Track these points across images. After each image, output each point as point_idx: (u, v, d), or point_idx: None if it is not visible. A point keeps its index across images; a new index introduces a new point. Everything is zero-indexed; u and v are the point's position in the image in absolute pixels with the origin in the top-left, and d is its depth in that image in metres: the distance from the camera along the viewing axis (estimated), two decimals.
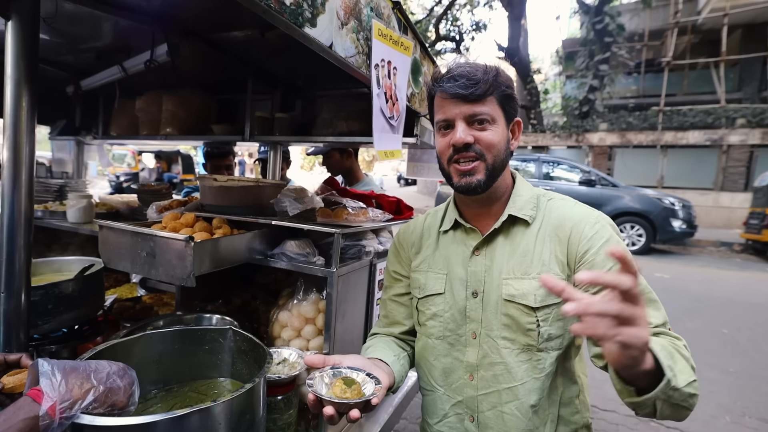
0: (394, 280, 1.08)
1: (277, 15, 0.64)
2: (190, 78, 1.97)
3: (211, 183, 1.38)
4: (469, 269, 0.93)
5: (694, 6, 14.57)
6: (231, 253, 1.16)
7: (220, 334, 1.00)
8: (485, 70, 0.84)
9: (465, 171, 0.86)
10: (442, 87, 0.86)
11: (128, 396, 0.69)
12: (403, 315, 1.06)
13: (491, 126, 0.86)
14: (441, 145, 0.90)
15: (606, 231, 0.85)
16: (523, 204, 0.92)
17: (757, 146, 11.85)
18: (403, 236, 1.09)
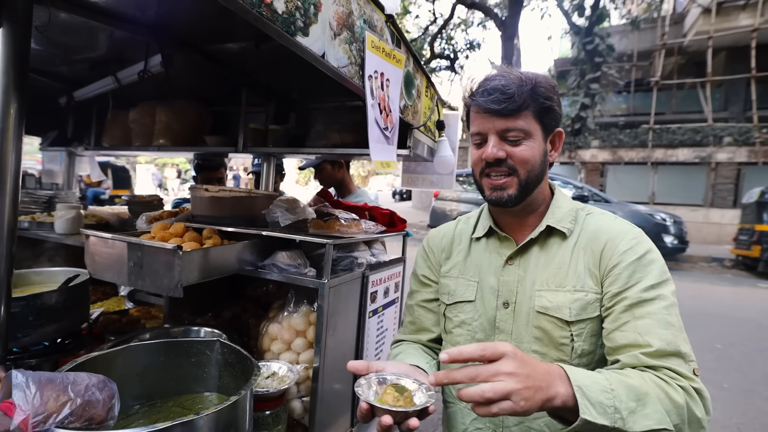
0: (422, 285, 1.06)
1: (269, 23, 0.64)
2: (184, 89, 1.97)
3: (202, 194, 1.37)
4: (501, 278, 0.91)
5: (680, 28, 15.06)
6: (221, 264, 1.14)
7: (207, 346, 0.97)
8: (521, 83, 0.82)
9: (496, 185, 0.86)
10: (476, 101, 0.84)
11: (107, 410, 0.66)
12: (431, 321, 1.04)
13: (526, 141, 0.83)
14: (474, 157, 0.89)
15: (641, 248, 0.81)
16: (563, 216, 0.90)
17: (744, 164, 12.10)
18: (433, 241, 1.07)
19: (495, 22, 13.77)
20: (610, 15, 13.13)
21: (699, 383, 0.70)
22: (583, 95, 13.60)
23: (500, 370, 0.59)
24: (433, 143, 1.66)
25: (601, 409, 0.61)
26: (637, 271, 0.78)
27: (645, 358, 0.71)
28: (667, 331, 0.72)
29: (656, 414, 0.63)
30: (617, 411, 0.62)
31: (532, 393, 0.58)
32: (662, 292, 0.76)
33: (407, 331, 1.08)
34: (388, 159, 1.18)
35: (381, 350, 1.59)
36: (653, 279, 0.77)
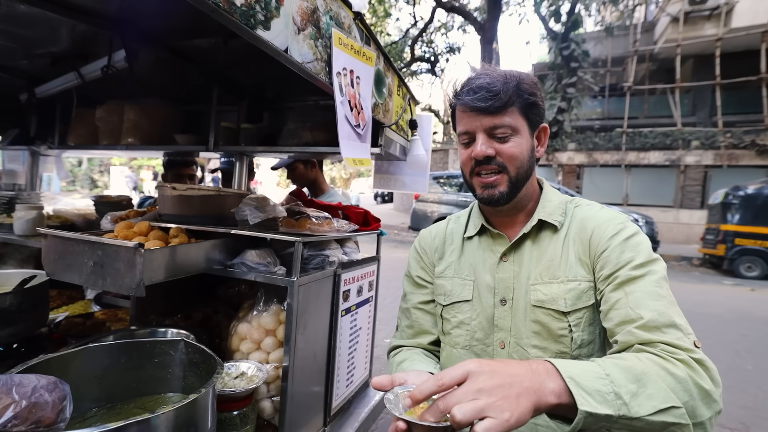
0: (417, 287, 1.04)
1: (226, 15, 0.64)
2: (153, 87, 1.93)
3: (170, 192, 1.34)
4: (497, 276, 0.91)
5: (651, 36, 15.64)
6: (187, 263, 1.12)
7: (170, 346, 0.95)
8: (505, 80, 0.82)
9: (487, 183, 0.86)
10: (462, 100, 0.84)
11: (57, 412, 0.63)
12: (430, 323, 1.01)
13: (513, 137, 0.84)
14: (463, 157, 0.89)
15: (628, 231, 0.82)
16: (553, 209, 0.91)
17: (710, 166, 12.64)
18: (425, 241, 1.06)
19: (474, 26, 13.99)
20: (583, 21, 13.51)
21: (700, 354, 0.65)
22: (560, 99, 13.94)
23: (467, 390, 0.54)
24: (406, 142, 1.67)
25: (600, 397, 0.56)
26: (626, 251, 0.79)
27: (639, 332, 0.69)
28: (657, 302, 0.71)
29: (660, 392, 0.58)
30: (618, 396, 0.57)
31: (513, 401, 0.53)
32: (652, 268, 0.77)
33: (405, 336, 1.04)
34: (361, 156, 1.18)
35: (354, 349, 1.59)
36: (642, 258, 0.77)
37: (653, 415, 0.57)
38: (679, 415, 0.58)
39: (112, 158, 23.35)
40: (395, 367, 0.96)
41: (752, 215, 8.23)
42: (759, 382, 3.45)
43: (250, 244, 1.34)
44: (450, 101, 0.92)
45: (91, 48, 1.44)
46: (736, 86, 13.23)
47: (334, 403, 1.44)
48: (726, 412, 3.01)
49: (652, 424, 0.57)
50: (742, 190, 8.49)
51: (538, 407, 0.55)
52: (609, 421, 0.56)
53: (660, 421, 0.57)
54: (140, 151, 2.10)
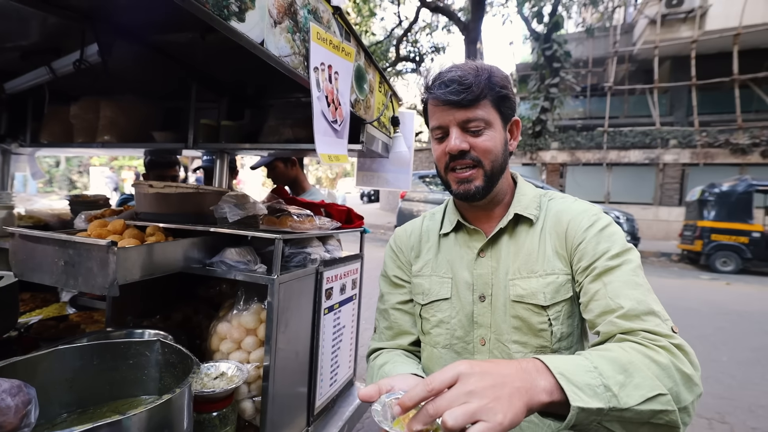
0: (395, 286, 1.02)
1: (197, 4, 0.62)
2: (130, 83, 1.88)
3: (147, 190, 1.31)
4: (475, 272, 0.90)
5: (630, 37, 16.02)
6: (164, 261, 1.09)
7: (145, 347, 0.93)
8: (477, 73, 0.82)
9: (462, 178, 0.85)
10: (434, 93, 0.83)
11: (21, 417, 0.61)
12: (410, 323, 0.99)
13: (487, 130, 0.83)
14: (437, 152, 0.88)
15: (602, 222, 0.83)
16: (528, 203, 0.91)
17: (688, 165, 13.01)
18: (400, 239, 1.04)
19: (459, 27, 14.08)
20: (563, 21, 13.73)
21: (678, 339, 0.67)
22: (543, 99, 14.15)
23: (458, 393, 0.52)
24: (389, 139, 1.67)
25: (590, 391, 0.56)
26: (601, 242, 0.79)
27: (620, 321, 0.70)
28: (635, 291, 0.72)
29: (646, 381, 0.59)
30: (608, 389, 0.57)
31: (505, 402, 0.51)
32: (627, 257, 0.77)
33: (384, 338, 1.02)
34: (337, 152, 1.17)
35: (338, 347, 1.58)
36: (618, 248, 0.78)
37: (642, 404, 0.57)
38: (665, 401, 0.59)
39: (91, 158, 22.74)
40: (377, 370, 0.94)
41: (727, 212, 8.50)
42: (734, 372, 3.57)
43: (230, 242, 1.32)
44: (421, 96, 0.91)
45: (64, 42, 1.40)
46: (710, 87, 13.65)
47: (317, 403, 1.43)
48: (703, 402, 3.10)
49: (641, 414, 0.58)
50: (717, 188, 8.76)
51: (531, 406, 0.54)
52: (600, 414, 0.56)
53: (648, 409, 0.58)
54: (117, 150, 2.05)
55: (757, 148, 12.02)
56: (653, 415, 0.58)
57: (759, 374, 3.56)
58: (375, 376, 0.92)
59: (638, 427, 0.59)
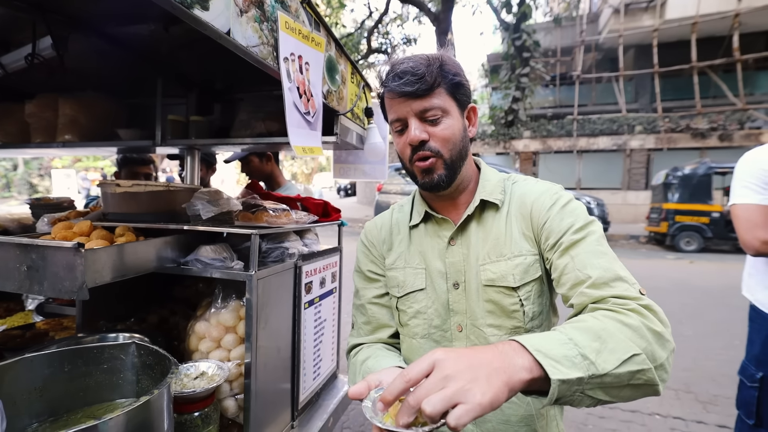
0: (370, 281, 1.00)
1: None
2: (90, 79, 1.80)
3: (114, 189, 1.26)
4: (447, 260, 0.91)
5: (596, 27, 16.44)
6: (135, 262, 1.06)
7: (120, 350, 0.90)
8: (428, 62, 0.82)
9: (424, 168, 0.85)
10: (389, 86, 0.83)
11: None
12: (388, 317, 0.99)
13: (444, 118, 0.84)
14: (399, 145, 0.88)
15: (563, 199, 0.86)
16: (492, 188, 0.92)
17: (653, 150, 13.56)
18: (371, 233, 1.03)
19: (429, 18, 14.07)
20: (532, 11, 13.94)
21: (646, 300, 0.69)
22: (514, 89, 14.38)
23: (434, 380, 0.52)
24: (363, 131, 1.66)
25: (568, 362, 0.56)
26: (565, 218, 0.82)
27: (590, 291, 0.72)
28: (601, 260, 0.75)
29: (620, 344, 0.60)
30: (585, 357, 0.57)
31: (484, 383, 0.51)
32: (590, 229, 0.80)
33: (363, 333, 1.00)
34: (311, 144, 1.16)
35: (320, 341, 1.58)
36: (581, 221, 0.81)
37: (619, 367, 0.58)
38: (640, 361, 0.60)
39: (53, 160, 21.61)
40: (359, 366, 0.92)
41: (689, 194, 8.92)
42: (697, 345, 3.78)
43: (205, 240, 1.29)
44: (377, 90, 0.91)
45: (13, 35, 1.32)
46: (671, 74, 14.20)
47: (301, 397, 1.43)
48: (671, 375, 3.27)
49: (620, 377, 0.59)
50: (680, 171, 9.17)
51: (512, 386, 0.54)
52: (581, 384, 0.57)
53: (626, 371, 0.59)
54: (79, 149, 1.95)
55: (715, 132, 12.63)
56: (632, 377, 0.60)
57: (720, 345, 3.78)
58: (358, 372, 0.91)
59: (620, 391, 0.61)
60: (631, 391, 0.61)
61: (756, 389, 1.48)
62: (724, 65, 13.39)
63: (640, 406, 2.79)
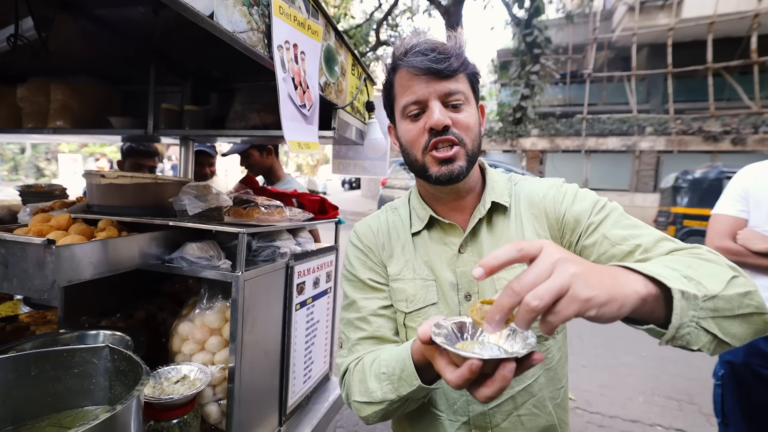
0: (372, 290, 0.88)
1: None
2: (82, 63, 1.74)
3: (99, 180, 1.20)
4: (457, 270, 0.83)
5: (609, 24, 16.13)
6: (115, 259, 1.00)
7: (92, 353, 0.85)
8: (455, 43, 0.77)
9: (445, 158, 0.76)
10: (410, 62, 0.75)
11: None
12: (393, 331, 0.87)
13: (466, 107, 0.77)
14: (413, 132, 0.78)
15: (572, 187, 0.84)
16: (501, 190, 0.86)
17: (663, 152, 13.34)
18: (366, 237, 0.91)
19: (439, 11, 13.85)
20: (544, 7, 13.70)
21: None
22: (523, 86, 14.18)
23: (543, 262, 0.45)
24: (363, 125, 1.59)
25: (677, 281, 0.51)
26: (581, 203, 0.80)
27: (645, 256, 0.68)
28: (641, 229, 0.73)
29: (713, 270, 0.57)
30: (690, 279, 0.53)
31: (607, 278, 0.46)
32: (611, 206, 0.79)
33: (365, 348, 0.84)
34: (307, 139, 1.09)
35: (312, 343, 1.52)
36: (600, 202, 0.80)
37: (726, 288, 0.54)
38: (743, 283, 0.56)
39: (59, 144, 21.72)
40: (368, 370, 0.77)
41: (698, 198, 8.75)
42: (702, 355, 3.69)
43: (193, 236, 1.23)
44: (388, 65, 0.83)
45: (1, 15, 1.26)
46: (685, 75, 13.93)
47: (290, 401, 1.38)
48: (673, 384, 3.20)
49: (730, 301, 0.54)
50: (690, 174, 8.99)
51: (626, 297, 0.47)
52: (696, 306, 0.50)
53: (734, 293, 0.54)
54: (71, 136, 1.90)
55: (728, 135, 12.39)
56: (741, 302, 0.55)
57: None
58: (370, 375, 0.76)
59: (731, 324, 0.54)
60: (741, 326, 0.55)
61: (719, 386, 1.56)
62: (740, 67, 13.11)
63: (642, 416, 2.73)
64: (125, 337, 1.12)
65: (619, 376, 3.31)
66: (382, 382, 0.73)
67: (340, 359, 0.87)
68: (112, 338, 1.12)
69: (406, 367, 0.69)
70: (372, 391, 0.74)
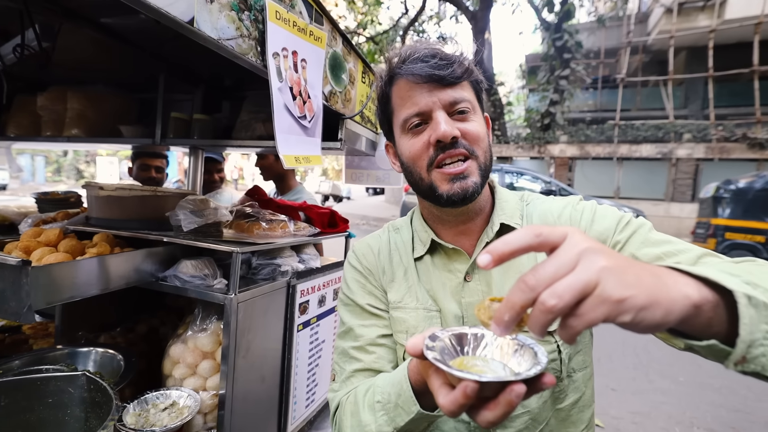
0: (372, 316, 0.79)
1: None
2: (101, 73, 1.74)
3: (97, 192, 1.17)
4: (463, 301, 0.74)
5: (645, 27, 15.50)
6: (102, 278, 0.95)
7: (68, 382, 0.80)
8: (455, 50, 0.70)
9: (457, 174, 0.68)
10: (409, 70, 0.68)
11: None
12: (392, 364, 0.77)
13: (473, 116, 0.70)
14: (416, 147, 0.70)
15: (590, 206, 0.77)
16: (512, 211, 0.77)
17: (702, 160, 12.62)
18: (366, 259, 0.83)
19: (467, 16, 13.71)
20: (575, 11, 13.31)
21: None
22: (552, 91, 13.80)
23: (567, 251, 0.36)
24: (375, 136, 1.51)
25: (737, 283, 0.40)
26: (597, 219, 0.73)
27: None
28: (675, 245, 0.65)
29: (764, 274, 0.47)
30: (748, 282, 0.42)
31: (648, 279, 0.35)
32: (637, 221, 0.72)
33: (360, 381, 0.74)
34: (306, 153, 1.02)
35: (317, 364, 1.44)
36: (624, 216, 0.72)
37: None
38: None
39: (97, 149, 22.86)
40: (362, 400, 0.67)
41: (742, 209, 8.19)
42: (749, 383, 3.38)
43: (192, 253, 1.18)
44: (384, 77, 0.74)
45: (10, 24, 1.25)
46: (728, 79, 13.17)
47: (290, 428, 1.30)
48: (717, 415, 2.93)
49: None
50: (733, 184, 8.44)
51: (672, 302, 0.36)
52: (763, 314, 0.38)
53: None
54: (86, 145, 1.91)
55: None
56: None
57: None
58: (363, 406, 0.66)
59: None
60: None
61: None
62: None
63: None
64: (116, 356, 1.07)
65: (654, 404, 3.06)
66: (376, 413, 0.63)
67: (332, 394, 0.78)
68: (103, 357, 1.07)
69: (402, 391, 0.59)
70: (365, 425, 0.64)
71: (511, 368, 0.46)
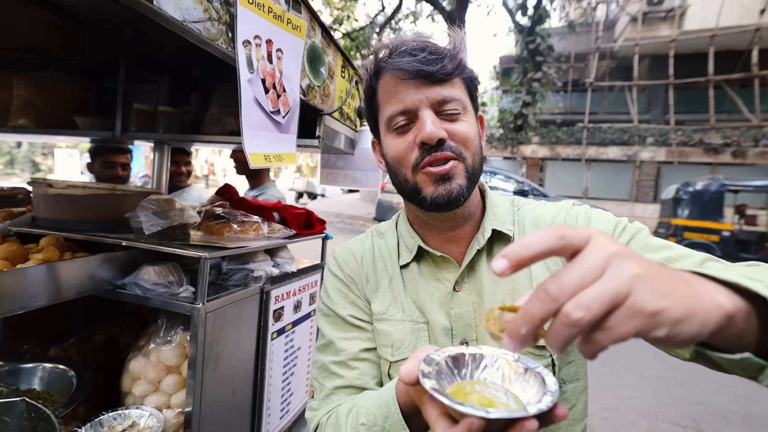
0: (354, 329, 0.73)
1: None
2: (53, 57, 1.59)
3: (46, 191, 1.05)
4: (452, 312, 0.69)
5: (612, 34, 16.10)
6: (50, 288, 0.85)
7: (5, 410, 0.69)
8: (449, 43, 0.64)
9: (440, 174, 0.63)
10: (396, 64, 0.62)
11: None
12: (375, 380, 0.71)
13: (464, 116, 0.65)
14: (400, 148, 0.65)
15: (584, 211, 0.74)
16: (504, 217, 0.73)
17: (663, 163, 13.27)
18: (348, 265, 0.77)
19: (443, 15, 13.78)
20: (549, 15, 13.65)
21: None
22: (525, 93, 14.09)
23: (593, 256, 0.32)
24: (354, 133, 1.45)
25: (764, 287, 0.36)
26: (593, 225, 0.70)
27: None
28: (677, 250, 0.62)
29: None
30: None
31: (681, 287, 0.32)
32: (634, 227, 0.69)
33: (341, 399, 0.68)
34: (278, 150, 0.94)
35: (292, 373, 1.37)
36: (621, 222, 0.70)
37: None
38: None
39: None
40: (344, 422, 0.61)
41: (699, 210, 8.65)
42: (707, 375, 3.55)
43: (156, 258, 1.08)
44: (369, 71, 0.68)
45: None
46: (686, 86, 13.88)
47: None
48: (678, 407, 3.05)
49: None
50: (691, 186, 8.90)
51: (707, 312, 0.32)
52: None
53: None
54: (34, 136, 1.75)
55: (728, 148, 12.32)
56: None
57: (731, 377, 3.55)
58: (346, 428, 0.61)
59: None
60: None
61: None
62: (741, 80, 13.06)
63: None
64: (67, 372, 0.97)
65: (622, 399, 3.16)
66: None
67: (310, 413, 0.72)
68: (51, 373, 0.97)
69: (390, 414, 0.54)
70: None
71: (515, 394, 0.42)
